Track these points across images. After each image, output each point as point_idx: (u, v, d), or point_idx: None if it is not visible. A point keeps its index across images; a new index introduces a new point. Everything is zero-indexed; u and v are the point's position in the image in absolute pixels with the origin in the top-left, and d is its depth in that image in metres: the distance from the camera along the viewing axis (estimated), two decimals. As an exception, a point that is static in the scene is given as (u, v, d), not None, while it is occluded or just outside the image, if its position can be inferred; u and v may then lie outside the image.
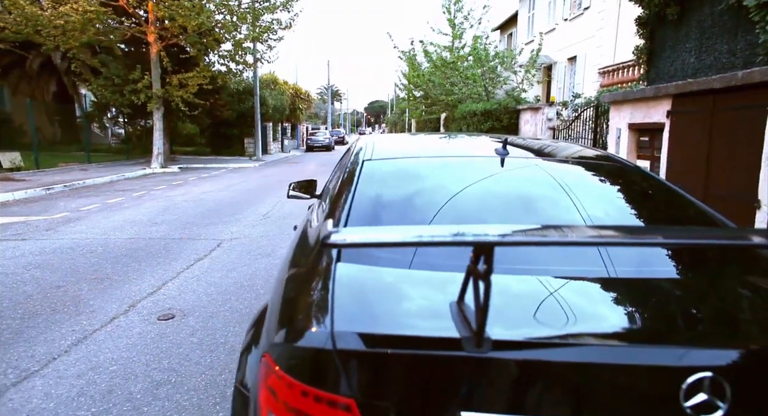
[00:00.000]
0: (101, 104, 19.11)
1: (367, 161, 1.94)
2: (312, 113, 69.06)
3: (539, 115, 11.30)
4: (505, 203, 1.63)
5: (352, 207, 1.58)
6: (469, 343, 0.88)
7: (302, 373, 0.95)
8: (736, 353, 0.93)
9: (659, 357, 0.90)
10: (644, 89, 5.78)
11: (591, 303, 1.12)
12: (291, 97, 31.06)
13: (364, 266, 1.28)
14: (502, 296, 1.14)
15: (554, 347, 0.91)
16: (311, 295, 1.16)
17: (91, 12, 13.47)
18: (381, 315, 1.06)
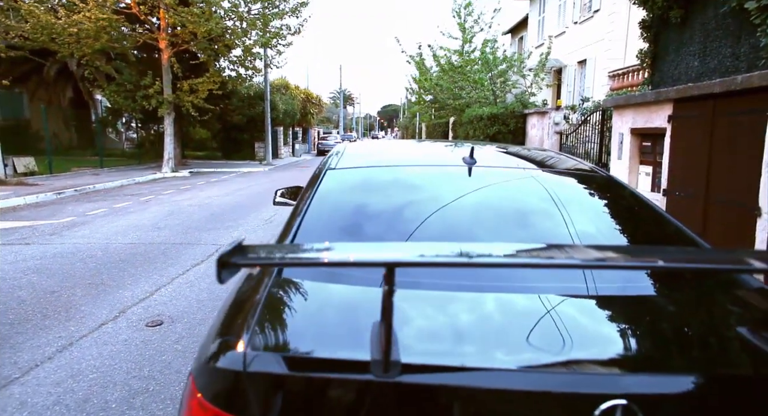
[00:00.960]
0: (115, 110, 19.46)
1: (331, 170, 1.92)
2: (324, 117, 69.47)
3: (546, 119, 11.18)
4: (457, 215, 1.59)
5: (305, 219, 1.57)
6: (377, 367, 0.85)
7: (215, 396, 0.93)
8: (653, 380, 0.88)
9: (570, 383, 0.86)
10: (645, 94, 5.67)
11: (513, 325, 1.08)
12: (302, 102, 31.28)
13: (307, 283, 1.26)
14: (430, 316, 1.11)
15: (463, 372, 0.88)
16: (241, 314, 1.14)
17: (103, 20, 13.74)
18: (301, 336, 1.04)
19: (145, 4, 14.66)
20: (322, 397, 0.89)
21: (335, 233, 1.51)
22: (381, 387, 0.86)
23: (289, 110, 26.74)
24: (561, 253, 0.98)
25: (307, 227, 1.51)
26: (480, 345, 0.98)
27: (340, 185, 1.78)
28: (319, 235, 1.48)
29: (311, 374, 0.89)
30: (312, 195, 1.70)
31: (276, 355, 0.93)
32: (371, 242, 1.40)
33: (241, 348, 0.95)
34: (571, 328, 1.06)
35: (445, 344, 0.98)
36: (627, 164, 6.12)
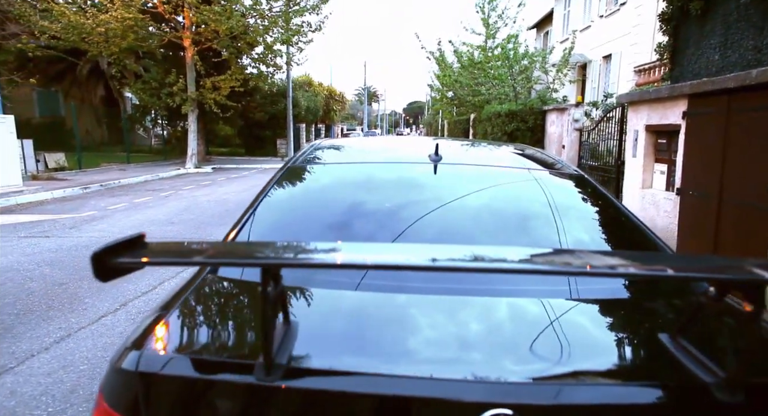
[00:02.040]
0: (141, 107, 20.01)
1: (292, 165, 1.92)
2: (348, 114, 69.75)
3: (565, 116, 10.89)
4: (406, 212, 1.56)
5: (255, 214, 1.57)
6: (260, 370, 0.84)
7: (111, 397, 0.93)
8: (539, 388, 0.85)
9: (452, 389, 0.83)
10: (659, 89, 5.45)
11: (418, 330, 1.05)
12: (325, 99, 31.49)
13: (236, 281, 1.26)
14: (348, 318, 1.09)
15: (347, 377, 0.86)
16: (160, 312, 1.15)
17: (129, 19, 14.12)
18: (203, 337, 1.03)
19: (170, 3, 14.99)
20: (208, 399, 0.88)
21: (277, 230, 1.51)
22: (262, 390, 0.84)
23: (312, 107, 26.94)
24: (469, 254, 0.93)
25: (254, 223, 1.51)
26: (378, 349, 0.96)
27: (295, 182, 1.77)
28: (260, 232, 1.47)
29: (196, 375, 0.88)
30: (267, 191, 1.70)
31: (169, 356, 0.93)
32: (293, 241, 1.38)
33: (139, 348, 0.95)
34: (470, 333, 1.02)
35: (344, 348, 0.96)
36: (641, 161, 5.91)
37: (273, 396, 0.85)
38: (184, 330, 1.05)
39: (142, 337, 1.00)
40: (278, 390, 0.84)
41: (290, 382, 0.84)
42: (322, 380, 0.85)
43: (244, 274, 1.26)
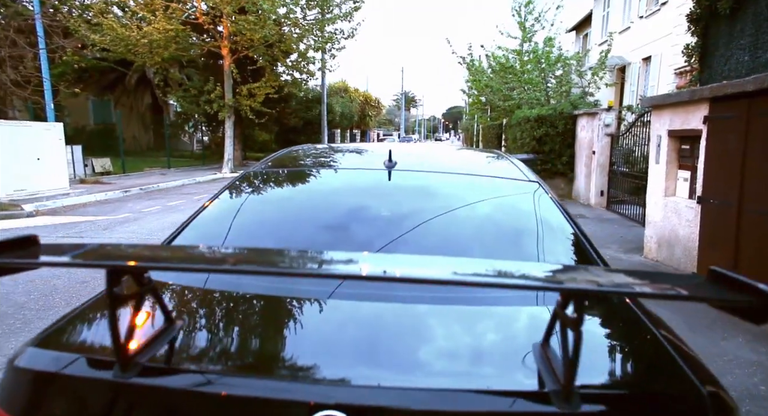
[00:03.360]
0: (182, 114, 20.92)
1: (250, 171, 2.00)
2: (386, 119, 70.14)
3: (595, 120, 10.54)
4: (338, 219, 1.59)
5: (198, 217, 1.65)
6: (117, 368, 0.89)
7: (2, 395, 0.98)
8: (368, 391, 0.87)
9: (284, 390, 0.86)
10: (681, 92, 5.21)
11: (282, 331, 1.08)
12: (360, 104, 31.84)
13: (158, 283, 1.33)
14: (226, 320, 1.14)
15: (193, 375, 0.90)
16: (67, 314, 1.21)
17: (171, 30, 14.85)
18: (90, 334, 1.10)
19: (208, 15, 15.66)
20: (77, 396, 0.93)
21: (211, 235, 1.58)
22: (118, 387, 0.89)
23: (347, 113, 27.31)
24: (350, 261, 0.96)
25: (190, 229, 1.59)
26: (242, 351, 1.00)
27: (248, 186, 1.84)
28: (194, 237, 1.55)
29: (62, 371, 0.93)
30: (217, 196, 1.79)
31: (44, 352, 0.98)
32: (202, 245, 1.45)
33: (31, 345, 1.01)
34: (329, 337, 1.05)
35: (213, 349, 1.01)
36: (664, 168, 5.66)
37: (127, 392, 0.90)
38: (80, 331, 1.12)
39: (38, 337, 1.07)
40: (131, 387, 0.88)
41: (144, 380, 0.88)
42: (175, 379, 0.90)
43: (172, 277, 1.33)
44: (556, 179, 11.80)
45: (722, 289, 0.83)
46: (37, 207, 9.02)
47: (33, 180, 10.42)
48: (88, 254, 0.92)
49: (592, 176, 10.62)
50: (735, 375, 2.94)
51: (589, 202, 10.69)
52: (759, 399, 2.66)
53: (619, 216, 9.39)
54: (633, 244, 6.71)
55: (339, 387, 0.87)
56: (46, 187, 10.72)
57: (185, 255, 0.96)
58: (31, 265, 0.90)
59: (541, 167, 11.57)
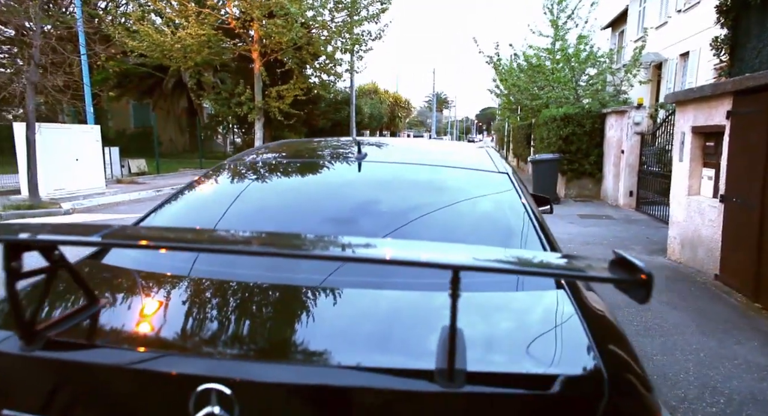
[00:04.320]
0: (215, 116, 21.55)
1: (227, 161, 2.06)
2: (417, 121, 70.01)
3: (624, 119, 10.19)
4: (292, 207, 1.62)
5: (161, 208, 1.72)
6: (21, 341, 0.92)
7: None
8: (251, 365, 0.89)
9: (169, 364, 0.89)
10: (704, 87, 4.98)
11: (198, 311, 1.11)
12: (390, 106, 31.91)
13: (107, 266, 1.39)
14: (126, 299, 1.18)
15: (99, 350, 0.93)
16: None
17: (203, 35, 15.34)
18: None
19: (239, 19, 16.10)
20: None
21: (176, 218, 1.64)
22: (23, 360, 0.93)
23: (376, 114, 27.42)
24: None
25: (154, 216, 1.66)
26: (148, 327, 1.04)
27: (223, 176, 1.90)
28: (159, 220, 1.62)
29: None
30: (193, 182, 1.86)
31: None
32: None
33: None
34: (219, 315, 1.08)
35: (124, 325, 1.05)
36: (687, 166, 5.42)
37: (31, 365, 0.93)
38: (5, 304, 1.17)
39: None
40: (32, 359, 0.92)
41: (48, 353, 0.92)
42: (78, 354, 0.93)
43: (131, 262, 1.38)
44: (584, 180, 11.49)
45: (618, 270, 0.81)
46: (74, 205, 9.51)
47: (72, 180, 10.98)
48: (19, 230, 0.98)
49: (621, 176, 10.28)
50: (742, 379, 2.79)
51: (618, 203, 10.35)
52: (763, 404, 2.52)
53: (648, 217, 9.05)
54: (658, 245, 6.46)
55: (224, 362, 0.89)
56: (84, 186, 11.28)
57: (84, 230, 1.00)
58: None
59: (567, 167, 11.30)
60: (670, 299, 4.19)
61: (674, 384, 2.74)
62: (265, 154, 2.17)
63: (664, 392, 2.65)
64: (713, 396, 2.60)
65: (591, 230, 7.75)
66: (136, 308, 1.14)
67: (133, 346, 0.95)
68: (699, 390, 2.68)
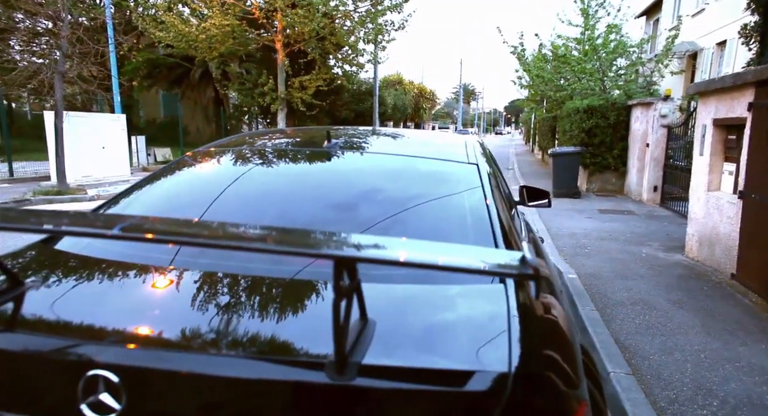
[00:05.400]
0: (240, 106, 21.86)
1: (193, 151, 2.06)
2: (444, 112, 69.32)
3: (650, 111, 9.80)
4: (241, 196, 1.61)
5: (123, 196, 1.74)
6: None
7: None
8: (140, 353, 0.89)
9: (60, 350, 0.89)
10: (725, 77, 4.73)
11: (120, 295, 1.12)
12: (415, 97, 31.68)
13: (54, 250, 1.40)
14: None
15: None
16: None
17: (227, 25, 15.53)
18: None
19: (262, 10, 16.21)
20: None
21: (140, 206, 1.66)
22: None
23: (399, 105, 27.28)
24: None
25: (125, 200, 1.68)
26: (41, 311, 1.04)
27: (186, 167, 1.89)
28: (119, 208, 1.63)
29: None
30: (156, 172, 1.87)
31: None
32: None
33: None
34: (121, 300, 1.08)
35: (47, 311, 1.06)
36: (707, 160, 5.19)
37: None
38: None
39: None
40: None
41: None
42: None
43: (76, 247, 1.38)
44: (606, 174, 11.16)
45: (518, 266, 0.78)
46: (98, 192, 9.83)
47: (98, 167, 11.35)
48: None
49: (645, 171, 9.93)
50: (741, 381, 2.67)
51: (641, 198, 10.02)
52: (758, 408, 2.41)
53: (673, 214, 8.74)
54: (678, 242, 6.23)
55: (113, 349, 0.89)
56: (110, 174, 11.65)
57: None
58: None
59: (590, 160, 10.99)
60: (678, 298, 4.04)
61: (667, 384, 2.65)
62: (232, 144, 2.12)
63: (655, 393, 2.56)
64: (706, 399, 2.51)
65: (609, 226, 7.54)
66: (51, 293, 1.14)
67: (30, 331, 0.96)
68: (692, 391, 2.58)
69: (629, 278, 4.62)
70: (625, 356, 2.97)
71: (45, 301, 1.09)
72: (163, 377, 0.87)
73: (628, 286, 4.36)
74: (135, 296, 1.13)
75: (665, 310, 3.76)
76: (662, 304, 3.88)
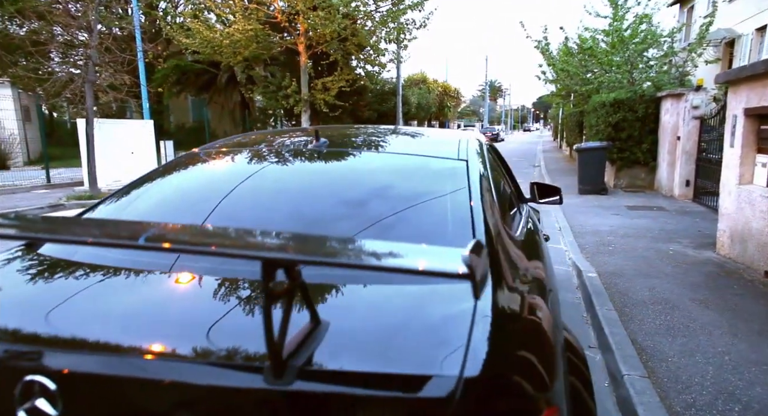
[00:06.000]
0: (263, 109, 22.21)
1: (192, 151, 2.06)
2: (469, 110, 68.57)
3: (681, 103, 9.39)
4: (237, 197, 1.59)
5: (126, 188, 1.75)
6: None
7: None
8: (76, 358, 0.87)
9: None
10: (756, 64, 4.47)
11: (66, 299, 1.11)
12: (439, 95, 31.46)
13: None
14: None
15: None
16: None
17: (251, 30, 15.78)
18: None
19: (284, 14, 16.41)
20: None
21: (126, 207, 1.67)
22: None
23: (423, 104, 27.15)
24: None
25: (122, 196, 1.69)
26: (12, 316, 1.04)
27: (184, 165, 1.90)
28: (108, 210, 1.65)
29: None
30: (151, 170, 1.88)
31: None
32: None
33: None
34: (73, 304, 1.06)
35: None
36: (739, 152, 4.92)
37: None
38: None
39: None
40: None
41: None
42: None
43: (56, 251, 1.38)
44: (635, 169, 10.78)
45: (445, 266, 0.72)
46: (128, 195, 10.15)
47: (127, 172, 11.70)
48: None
49: (677, 165, 9.53)
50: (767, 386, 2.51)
51: (673, 193, 9.63)
52: (783, 417, 2.25)
53: (706, 209, 8.37)
54: (709, 239, 5.94)
55: (51, 354, 0.88)
56: (139, 177, 12.01)
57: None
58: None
59: (617, 155, 10.64)
60: (705, 297, 3.84)
61: (685, 388, 2.51)
62: (220, 146, 2.10)
63: (671, 396, 2.43)
64: (727, 404, 2.36)
65: (637, 222, 7.27)
66: (10, 297, 1.14)
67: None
68: (712, 396, 2.43)
69: (653, 276, 4.43)
70: (642, 358, 2.84)
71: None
72: (99, 382, 0.85)
73: (651, 285, 4.18)
74: (77, 300, 1.11)
75: (689, 310, 3.58)
76: (686, 304, 3.70)
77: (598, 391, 2.72)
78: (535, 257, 1.91)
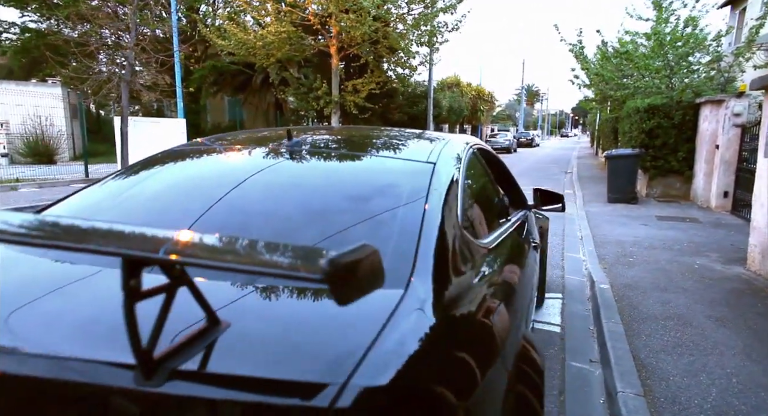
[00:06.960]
0: (296, 110, 22.58)
1: (172, 147, 2.08)
2: (505, 114, 67.56)
3: (722, 109, 8.90)
4: (178, 199, 1.58)
5: (98, 184, 1.77)
6: None
7: None
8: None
9: None
10: (791, 68, 4.18)
11: None
12: (472, 99, 31.12)
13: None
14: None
15: None
16: None
17: (284, 32, 16.08)
18: None
19: (317, 16, 16.64)
20: None
21: (92, 204, 1.68)
22: None
23: (455, 107, 26.92)
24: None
25: (80, 196, 1.72)
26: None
27: (151, 161, 1.90)
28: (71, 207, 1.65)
29: None
30: (128, 167, 1.91)
31: None
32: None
33: None
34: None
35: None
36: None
37: None
38: None
39: None
40: None
41: None
42: None
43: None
44: (669, 178, 10.31)
45: (301, 266, 0.67)
46: (158, 190, 10.51)
47: (160, 168, 12.18)
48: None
49: (714, 175, 9.06)
50: (774, 415, 2.31)
51: (709, 204, 9.15)
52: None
53: (744, 222, 7.89)
54: (743, 254, 5.60)
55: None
56: (171, 174, 12.43)
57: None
58: None
59: (650, 163, 10.21)
60: (722, 315, 3.60)
61: (682, 410, 2.35)
62: (192, 146, 2.09)
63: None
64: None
65: (665, 234, 6.94)
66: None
67: None
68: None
69: (669, 290, 4.20)
70: (641, 375, 2.68)
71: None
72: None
73: (666, 299, 3.96)
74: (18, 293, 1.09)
75: (702, 327, 3.37)
76: (700, 321, 3.48)
77: (592, 408, 2.59)
78: (511, 263, 1.84)
